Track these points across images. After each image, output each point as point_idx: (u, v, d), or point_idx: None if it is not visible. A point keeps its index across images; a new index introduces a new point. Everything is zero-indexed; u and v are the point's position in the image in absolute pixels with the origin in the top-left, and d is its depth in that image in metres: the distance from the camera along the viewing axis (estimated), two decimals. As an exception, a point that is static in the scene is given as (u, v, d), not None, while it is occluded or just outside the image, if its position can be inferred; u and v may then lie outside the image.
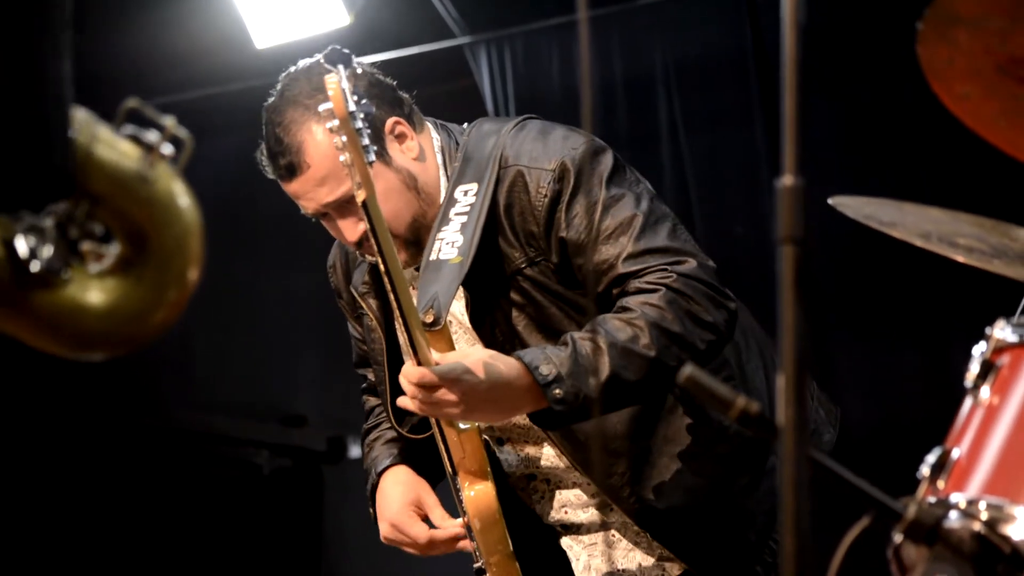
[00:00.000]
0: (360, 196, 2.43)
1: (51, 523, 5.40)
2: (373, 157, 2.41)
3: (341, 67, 2.42)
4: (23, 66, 1.22)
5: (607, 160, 2.69)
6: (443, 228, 2.68)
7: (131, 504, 5.55)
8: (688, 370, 1.51)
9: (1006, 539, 1.67)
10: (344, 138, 2.39)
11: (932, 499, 1.77)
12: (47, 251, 1.22)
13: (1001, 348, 1.87)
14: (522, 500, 2.87)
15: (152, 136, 1.29)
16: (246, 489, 5.72)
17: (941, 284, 4.44)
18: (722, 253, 2.77)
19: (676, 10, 4.97)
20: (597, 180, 2.66)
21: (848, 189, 2.34)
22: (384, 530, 2.84)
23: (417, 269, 2.74)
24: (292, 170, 2.69)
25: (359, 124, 2.39)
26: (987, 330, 1.90)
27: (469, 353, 2.53)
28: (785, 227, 1.30)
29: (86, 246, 1.26)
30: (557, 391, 2.47)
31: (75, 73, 1.28)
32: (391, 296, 2.52)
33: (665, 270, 2.58)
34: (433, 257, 2.66)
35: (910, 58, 1.96)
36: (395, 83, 2.80)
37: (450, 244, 2.66)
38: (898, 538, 1.73)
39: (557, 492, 2.83)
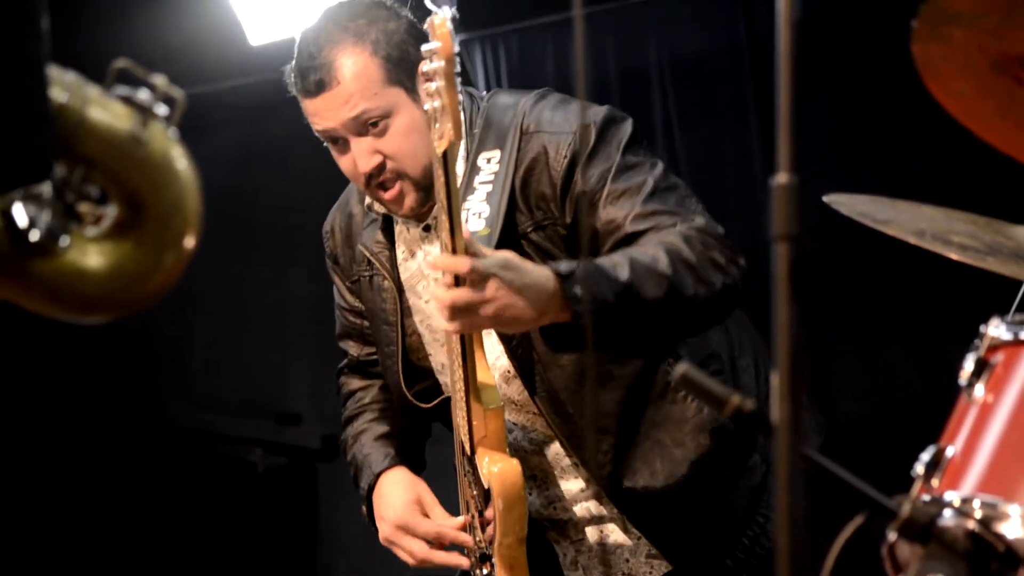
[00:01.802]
0: (442, 146, 2.40)
1: (46, 521, 5.40)
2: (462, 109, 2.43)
3: (447, 6, 2.41)
4: None
5: (626, 128, 2.70)
6: (468, 198, 2.68)
7: (125, 502, 5.54)
8: (682, 368, 1.51)
9: (1000, 537, 1.67)
10: (441, 82, 2.35)
11: (926, 497, 1.77)
12: (45, 218, 1.22)
13: (995, 346, 1.87)
14: None
15: (144, 96, 1.28)
16: (240, 487, 5.71)
17: (935, 282, 4.44)
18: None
19: (670, 7, 4.97)
20: (616, 145, 2.67)
21: (843, 187, 2.34)
22: (386, 531, 2.82)
23: (423, 228, 2.77)
24: (321, 86, 2.67)
25: (459, 69, 2.37)
26: (981, 328, 1.90)
27: (501, 253, 2.47)
28: (780, 225, 1.29)
29: (84, 208, 1.25)
30: (577, 288, 2.42)
31: (68, 69, 1.27)
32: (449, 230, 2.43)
33: (676, 225, 2.58)
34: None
35: (905, 56, 1.96)
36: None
37: (477, 215, 2.66)
38: (892, 536, 1.73)
39: (545, 489, 2.83)
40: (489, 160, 2.70)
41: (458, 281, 2.40)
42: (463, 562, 2.75)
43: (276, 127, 5.58)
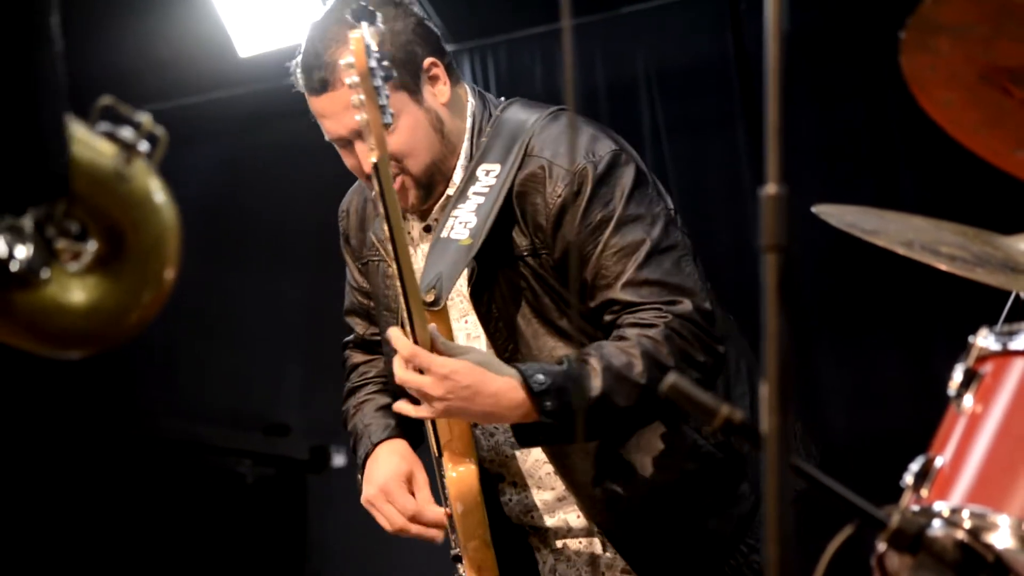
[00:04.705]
0: (373, 157, 2.43)
1: (35, 532, 5.38)
2: (390, 120, 2.42)
3: (365, 24, 2.41)
4: (16, 72, 1.22)
5: (629, 173, 2.69)
6: (459, 206, 2.69)
7: (114, 513, 5.53)
8: (672, 378, 1.51)
9: (989, 547, 1.67)
10: (362, 96, 2.39)
11: (915, 507, 1.77)
12: (25, 251, 1.21)
13: (984, 356, 1.87)
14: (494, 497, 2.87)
15: (127, 133, 1.28)
16: (229, 498, 5.70)
17: (924, 292, 4.44)
18: (705, 260, 2.77)
19: (659, 18, 4.97)
20: (619, 194, 2.67)
21: (831, 197, 2.34)
22: (369, 493, 2.79)
23: (424, 228, 2.79)
24: (324, 85, 2.68)
25: (378, 83, 2.39)
26: (970, 338, 1.90)
27: (468, 351, 2.54)
28: (769, 235, 1.30)
29: (62, 244, 1.25)
30: (548, 402, 2.49)
31: (64, 83, 1.27)
32: (393, 265, 2.51)
33: (660, 309, 2.60)
34: (444, 235, 2.67)
35: (893, 66, 1.96)
36: (439, 32, 2.81)
37: (463, 224, 2.67)
38: (882, 547, 1.73)
39: (524, 496, 2.84)
40: (488, 172, 2.71)
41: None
42: (437, 536, 2.75)
43: (265, 137, 5.59)
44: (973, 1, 1.84)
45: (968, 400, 1.85)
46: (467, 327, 2.81)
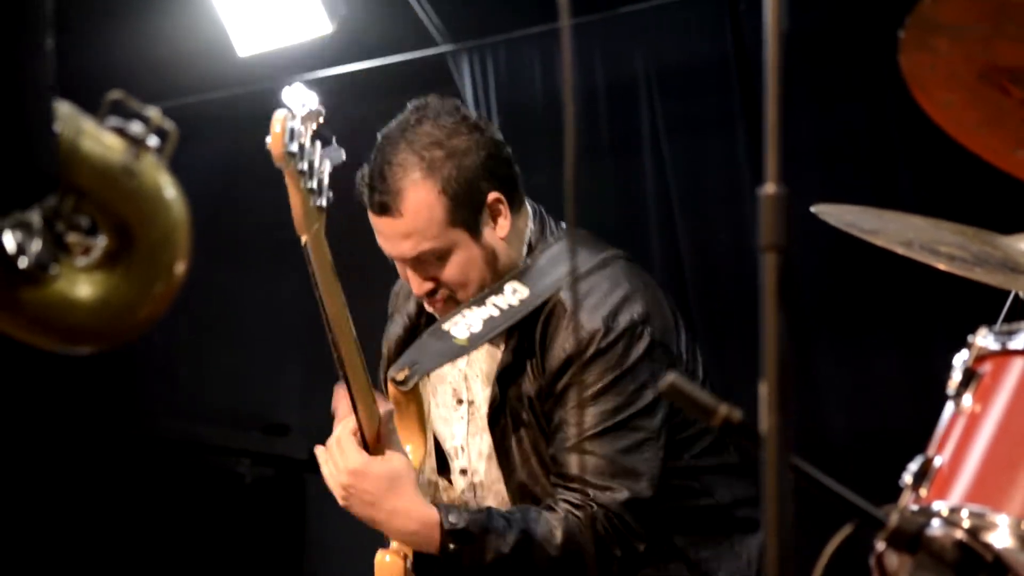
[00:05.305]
0: (302, 239, 2.41)
1: (34, 532, 5.38)
2: (324, 202, 2.38)
3: (293, 110, 2.38)
4: (2, 65, 1.22)
5: (639, 347, 2.68)
6: (472, 308, 2.70)
7: (112, 513, 5.53)
8: (670, 377, 1.51)
9: (988, 547, 1.67)
10: (287, 177, 2.37)
11: (914, 507, 1.77)
12: (35, 246, 1.22)
13: (983, 356, 1.87)
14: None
15: (137, 128, 1.29)
16: (228, 498, 5.70)
17: (923, 292, 4.44)
18: (705, 260, 2.77)
19: (658, 18, 4.97)
20: (621, 367, 2.67)
21: (830, 197, 2.34)
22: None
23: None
24: (384, 209, 2.67)
25: (304, 167, 2.35)
26: (969, 338, 1.90)
27: (393, 462, 2.57)
28: (767, 234, 1.29)
29: (72, 239, 1.25)
30: (451, 545, 2.55)
31: (56, 81, 1.27)
32: (332, 346, 2.53)
33: (587, 495, 2.62)
34: (445, 327, 2.68)
35: (892, 66, 1.96)
36: (511, 157, 2.78)
37: (467, 326, 2.68)
38: (880, 546, 1.73)
39: None
40: (514, 292, 2.71)
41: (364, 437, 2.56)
42: None
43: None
44: (972, 0, 1.84)
45: (967, 399, 1.85)
46: (480, 443, 2.82)
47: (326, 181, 2.39)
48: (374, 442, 2.58)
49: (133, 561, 5.51)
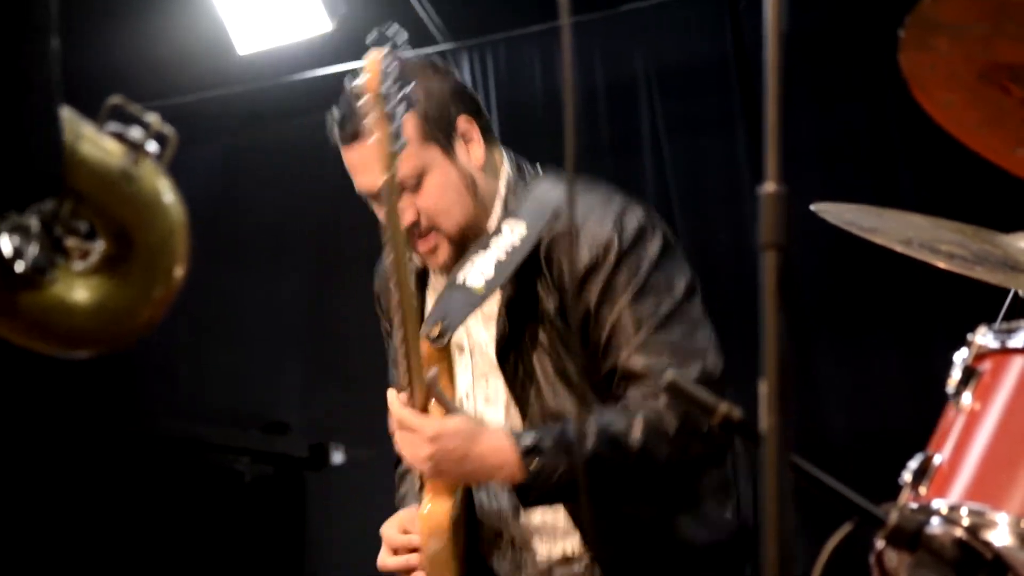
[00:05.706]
0: (380, 180, 2.46)
1: (34, 530, 5.38)
2: (402, 146, 2.45)
3: (389, 47, 2.44)
4: (7, 68, 1.22)
5: (655, 244, 2.69)
6: (480, 254, 2.69)
7: (112, 511, 5.53)
8: (670, 375, 1.51)
9: (988, 545, 1.67)
10: (373, 116, 2.41)
11: (914, 505, 1.77)
12: (32, 250, 1.22)
13: (983, 354, 1.88)
14: (483, 554, 2.85)
15: (136, 133, 1.29)
16: (228, 496, 5.70)
17: (923, 290, 4.44)
18: (704, 260, 2.78)
19: (658, 17, 4.97)
20: (643, 264, 2.67)
21: (830, 197, 2.35)
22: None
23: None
24: (356, 135, 2.67)
25: (392, 107, 2.40)
26: (969, 336, 1.90)
27: (456, 416, 2.56)
28: (767, 233, 1.30)
29: (71, 243, 1.25)
30: (535, 462, 2.53)
31: (58, 79, 1.27)
32: (394, 300, 2.53)
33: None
34: (459, 280, 2.68)
35: (892, 65, 1.97)
36: (480, 102, 2.84)
37: (480, 273, 2.67)
38: (880, 544, 1.73)
39: (522, 553, 2.82)
40: (513, 230, 2.71)
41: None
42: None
43: (263, 136, 5.59)
44: (972, 0, 1.84)
45: (967, 398, 1.85)
46: (487, 388, 2.81)
47: (401, 128, 2.44)
48: (426, 406, 2.58)
49: (133, 560, 5.51)
